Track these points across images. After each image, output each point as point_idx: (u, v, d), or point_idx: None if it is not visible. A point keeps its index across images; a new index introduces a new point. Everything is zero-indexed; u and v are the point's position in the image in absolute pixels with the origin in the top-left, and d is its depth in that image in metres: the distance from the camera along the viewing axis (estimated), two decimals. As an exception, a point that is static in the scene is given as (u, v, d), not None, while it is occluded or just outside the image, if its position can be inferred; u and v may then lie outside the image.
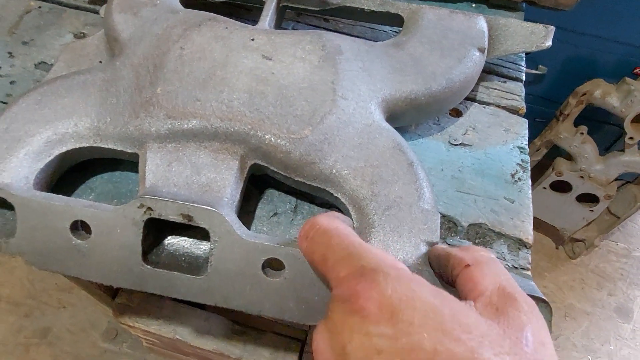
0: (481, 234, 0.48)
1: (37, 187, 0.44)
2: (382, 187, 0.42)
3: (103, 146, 0.45)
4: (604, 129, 1.57)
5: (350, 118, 0.45)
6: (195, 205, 0.39)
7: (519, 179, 0.52)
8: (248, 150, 0.44)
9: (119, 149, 0.45)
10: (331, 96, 0.46)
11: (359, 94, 0.47)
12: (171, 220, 0.39)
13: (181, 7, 0.55)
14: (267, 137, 0.43)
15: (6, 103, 0.55)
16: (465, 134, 0.56)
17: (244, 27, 0.51)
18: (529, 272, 0.46)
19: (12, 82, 0.57)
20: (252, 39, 0.49)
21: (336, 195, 0.43)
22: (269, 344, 0.90)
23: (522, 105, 0.59)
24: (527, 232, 0.48)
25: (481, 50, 0.53)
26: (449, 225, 0.48)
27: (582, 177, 1.50)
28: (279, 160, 0.43)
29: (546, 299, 0.37)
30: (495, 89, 0.61)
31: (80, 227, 0.41)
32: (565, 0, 0.68)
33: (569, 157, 1.52)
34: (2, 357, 1.59)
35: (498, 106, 0.59)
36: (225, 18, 0.52)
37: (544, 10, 0.68)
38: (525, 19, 0.61)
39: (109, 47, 0.54)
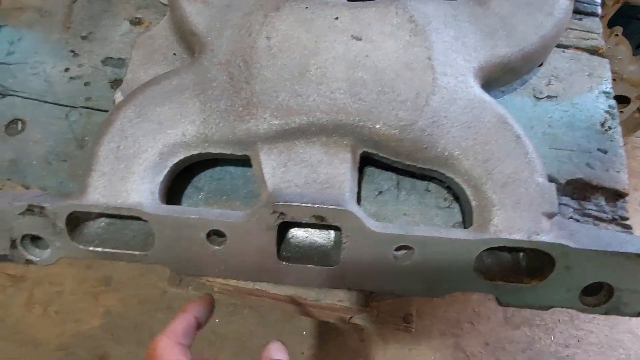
0: (578, 189, 0.50)
1: (160, 197, 0.46)
2: (495, 164, 0.43)
3: (212, 151, 0.46)
4: (638, 25, 1.51)
5: (453, 95, 0.45)
6: (327, 207, 0.41)
7: (609, 127, 0.53)
8: (357, 140, 0.45)
9: (228, 153, 0.46)
10: (431, 74, 0.45)
11: (457, 67, 0.46)
12: (303, 222, 0.42)
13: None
14: (377, 127, 0.44)
15: (88, 108, 0.55)
16: (548, 84, 0.55)
17: (323, 4, 0.49)
18: (629, 222, 0.48)
19: (86, 84, 0.56)
20: (336, 18, 0.48)
21: (449, 175, 0.45)
22: (342, 284, 0.97)
23: (601, 44, 0.58)
24: (623, 182, 0.50)
25: (570, -3, 0.50)
26: (546, 183, 0.50)
27: (614, 79, 1.47)
28: (390, 148, 0.44)
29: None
30: (573, 29, 0.58)
31: (214, 235, 0.44)
32: None
33: (602, 59, 1.48)
34: (76, 305, 1.73)
35: (577, 48, 0.58)
36: (302, -5, 0.50)
37: None
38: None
39: (181, 39, 0.52)
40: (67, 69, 0.57)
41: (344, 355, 1.63)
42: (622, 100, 1.57)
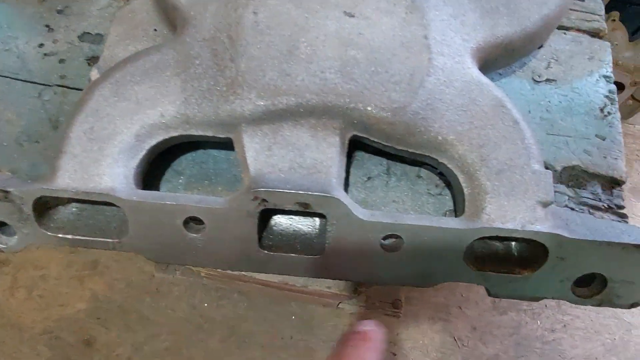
0: (574, 177, 0.48)
1: (135, 182, 0.43)
2: (491, 150, 0.41)
3: (193, 133, 0.43)
4: (635, 10, 1.49)
5: (449, 77, 0.43)
6: (312, 193, 0.39)
7: (608, 112, 0.51)
8: (347, 123, 0.42)
9: (210, 135, 0.43)
10: (426, 54, 0.43)
11: (454, 47, 0.44)
12: (287, 209, 0.39)
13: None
14: (368, 109, 0.41)
15: (63, 87, 0.52)
16: (548, 67, 0.53)
17: (314, -23, 0.46)
18: (624, 211, 0.47)
19: (61, 61, 0.53)
20: (327, -8, 0.45)
21: (441, 161, 0.43)
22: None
23: (603, 26, 0.56)
24: (621, 170, 0.48)
25: (573, -25, 0.48)
26: (542, 171, 0.48)
27: (610, 65, 1.46)
28: (381, 132, 0.42)
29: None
30: (575, 10, 0.56)
31: (191, 221, 0.41)
32: None
33: (597, 44, 1.46)
34: (61, 289, 1.70)
35: (579, 30, 0.55)
36: (290, -33, 0.47)
37: None
38: None
39: (163, 14, 0.49)
40: (41, 45, 0.53)
41: (334, 340, 1.64)
42: (616, 86, 1.56)
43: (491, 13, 0.45)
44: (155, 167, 0.48)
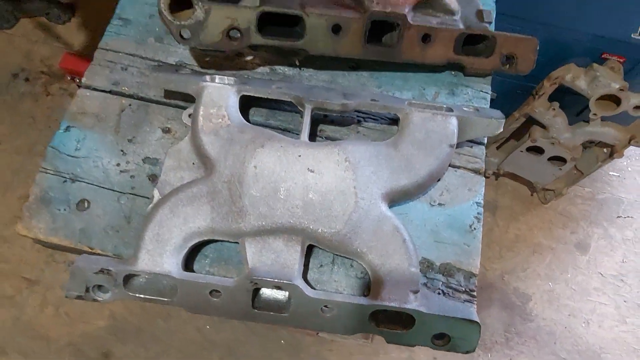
0: (448, 269, 0.78)
1: (182, 266, 0.73)
2: (387, 258, 0.71)
3: (217, 239, 0.74)
4: (574, 98, 1.80)
5: (366, 213, 0.73)
6: (282, 281, 0.69)
7: (474, 228, 0.81)
8: (305, 237, 0.73)
9: (226, 239, 0.74)
10: (354, 199, 0.73)
11: (371, 193, 0.74)
12: (269, 288, 0.69)
13: (245, 122, 0.80)
14: (318, 231, 0.72)
15: (134, 194, 0.82)
16: (441, 195, 0.83)
17: (291, 143, 0.77)
18: (474, 293, 0.76)
19: (132, 177, 0.83)
20: (299, 155, 0.75)
21: (360, 262, 0.73)
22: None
23: (482, 166, 0.86)
24: (476, 267, 0.78)
25: (452, 146, 0.79)
26: (428, 264, 0.78)
27: (553, 143, 1.77)
28: (325, 244, 0.72)
29: (477, 321, 0.69)
30: (464, 155, 0.87)
31: (214, 291, 0.71)
32: (523, 68, 0.92)
33: (543, 125, 1.77)
34: (84, 308, 1.97)
35: (465, 168, 0.86)
36: (279, 135, 0.78)
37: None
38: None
39: (199, 157, 0.80)
40: (118, 164, 0.84)
41: (315, 363, 1.91)
42: (560, 159, 1.86)
43: (396, 171, 0.76)
44: (192, 253, 0.78)
